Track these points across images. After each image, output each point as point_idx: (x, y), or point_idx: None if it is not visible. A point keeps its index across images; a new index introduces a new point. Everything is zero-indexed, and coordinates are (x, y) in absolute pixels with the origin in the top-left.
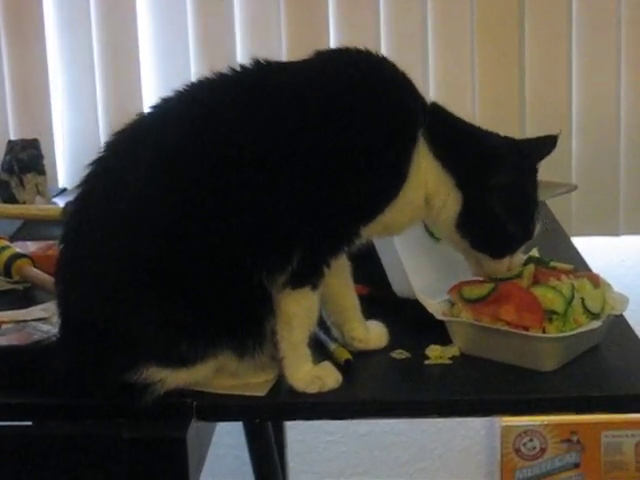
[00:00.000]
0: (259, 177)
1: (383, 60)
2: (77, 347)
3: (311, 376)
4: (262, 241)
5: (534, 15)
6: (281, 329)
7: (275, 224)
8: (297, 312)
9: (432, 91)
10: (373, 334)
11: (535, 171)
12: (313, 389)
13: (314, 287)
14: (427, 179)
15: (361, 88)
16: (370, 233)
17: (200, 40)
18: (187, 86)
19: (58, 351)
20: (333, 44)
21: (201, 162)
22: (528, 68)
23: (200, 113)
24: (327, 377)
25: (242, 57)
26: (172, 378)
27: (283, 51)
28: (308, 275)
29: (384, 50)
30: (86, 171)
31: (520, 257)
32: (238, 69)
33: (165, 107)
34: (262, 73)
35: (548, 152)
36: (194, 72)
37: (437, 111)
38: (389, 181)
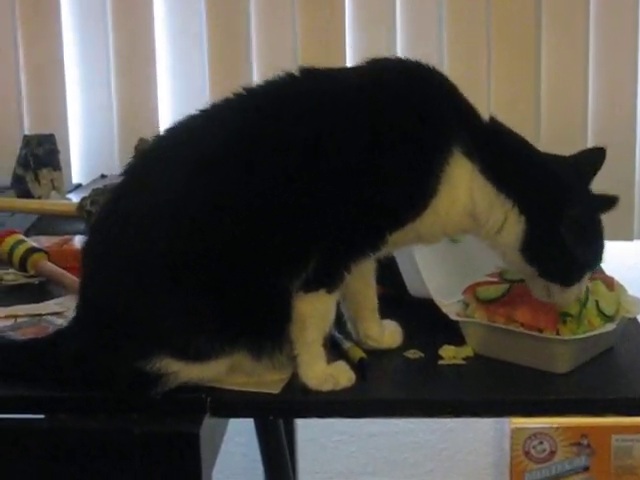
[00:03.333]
0: (293, 181)
1: (429, 73)
2: (93, 329)
3: (324, 374)
4: (286, 245)
5: (551, 16)
6: (295, 328)
7: (300, 228)
8: (311, 313)
9: None
10: (388, 333)
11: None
12: (326, 387)
13: (330, 290)
14: (474, 197)
15: (396, 100)
16: (402, 241)
17: (216, 34)
18: (240, 92)
19: (72, 335)
20: (349, 53)
21: (241, 165)
22: (544, 70)
23: (245, 118)
24: (340, 376)
25: (258, 56)
26: (185, 372)
27: (298, 55)
28: (323, 279)
29: (399, 50)
30: (131, 161)
31: (586, 281)
32: (286, 76)
33: (214, 111)
34: (307, 80)
35: (599, 168)
36: (209, 68)
37: (493, 129)
38: (414, 192)
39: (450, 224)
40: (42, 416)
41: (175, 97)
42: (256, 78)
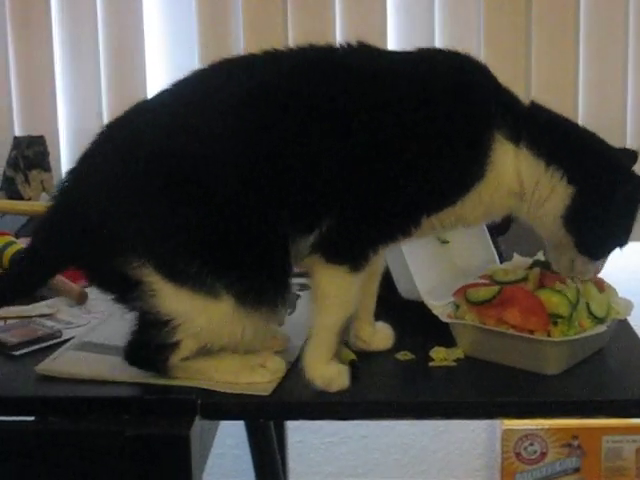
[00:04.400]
0: (331, 138)
1: (472, 63)
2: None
3: (321, 372)
4: (298, 194)
5: (541, 22)
6: (314, 307)
7: (320, 182)
8: (331, 292)
9: None
10: (379, 335)
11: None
12: (318, 384)
13: (353, 268)
14: (520, 176)
15: (442, 86)
16: (441, 223)
17: (206, 40)
18: (295, 48)
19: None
20: (339, 30)
21: (283, 109)
22: (534, 72)
23: (293, 70)
24: (334, 379)
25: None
26: (167, 296)
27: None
28: (347, 253)
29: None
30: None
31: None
32: (347, 46)
33: (256, 60)
34: (364, 54)
35: (632, 165)
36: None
37: (537, 110)
38: (456, 176)
39: (493, 206)
40: (31, 418)
41: None
42: None
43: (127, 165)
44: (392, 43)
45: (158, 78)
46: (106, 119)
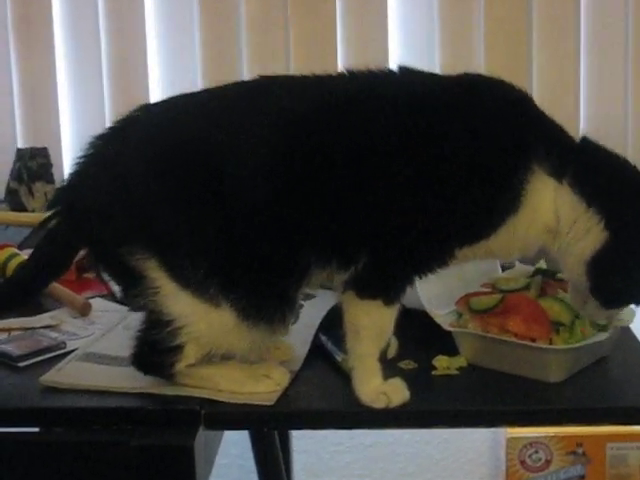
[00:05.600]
0: (363, 173)
1: (513, 92)
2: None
3: (377, 392)
4: (336, 229)
5: (542, 20)
6: (349, 339)
7: (356, 219)
8: (366, 325)
9: None
10: None
11: None
12: (378, 405)
13: (388, 302)
14: (558, 213)
15: (479, 116)
16: (471, 256)
17: (208, 52)
18: (340, 73)
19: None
20: (340, 50)
21: (321, 137)
22: (536, 79)
23: (337, 97)
24: (394, 394)
25: (248, 62)
26: (168, 296)
27: (291, 61)
28: (380, 287)
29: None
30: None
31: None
32: (386, 71)
33: (300, 82)
34: (401, 81)
35: None
36: (201, 83)
37: (587, 146)
38: (489, 210)
39: (527, 242)
40: (36, 429)
41: None
42: None
43: (149, 155)
44: (393, 46)
45: (161, 90)
46: None
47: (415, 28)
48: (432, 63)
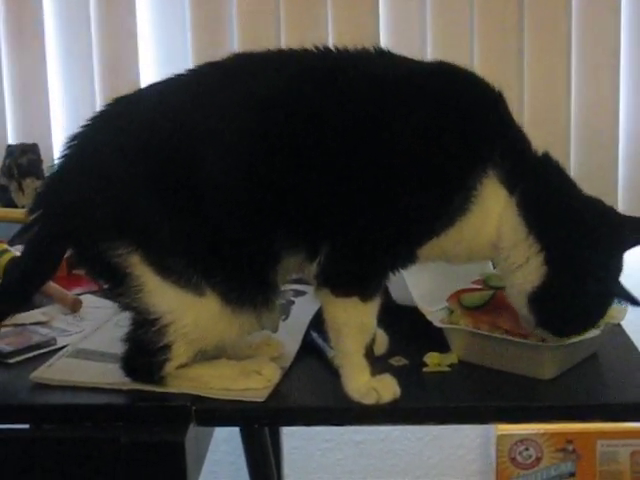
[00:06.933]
0: (323, 155)
1: (487, 94)
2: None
3: (367, 387)
4: (298, 215)
5: (534, 20)
6: (332, 337)
7: (317, 205)
8: (346, 322)
9: None
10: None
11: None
12: (368, 401)
13: (364, 299)
14: (501, 229)
15: (443, 110)
16: (428, 256)
17: (200, 47)
18: (309, 49)
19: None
20: (331, 33)
21: (286, 119)
22: (527, 78)
23: (301, 77)
24: (384, 390)
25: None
26: (152, 288)
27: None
28: (353, 285)
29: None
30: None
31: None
32: (362, 51)
33: (269, 60)
34: (372, 63)
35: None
36: None
37: (545, 166)
38: (441, 203)
39: (474, 250)
40: (26, 426)
41: None
42: None
43: (125, 149)
44: (384, 43)
45: None
46: None
47: (407, 23)
48: (423, 55)
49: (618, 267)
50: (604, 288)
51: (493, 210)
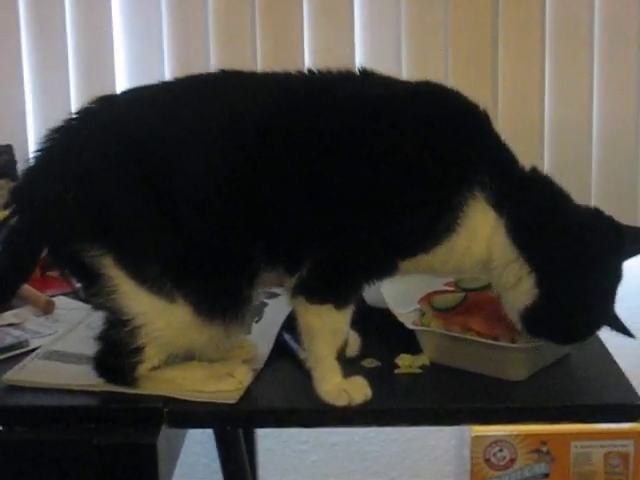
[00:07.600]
0: (305, 174)
1: (472, 114)
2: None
3: (338, 389)
4: (280, 231)
5: (508, 27)
6: (305, 340)
7: (297, 223)
8: (320, 328)
9: None
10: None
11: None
12: (340, 403)
13: (338, 307)
14: (491, 250)
15: (430, 131)
16: (413, 269)
17: (175, 51)
18: (299, 72)
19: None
20: (308, 46)
21: (266, 137)
22: (501, 81)
23: (286, 96)
24: (355, 391)
25: (216, 57)
26: (125, 292)
27: (258, 59)
28: (328, 293)
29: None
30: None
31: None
32: (345, 73)
33: (252, 80)
34: (357, 84)
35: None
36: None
37: (533, 182)
38: (425, 225)
39: (462, 268)
40: None
41: None
42: None
43: (102, 152)
44: (359, 57)
45: (129, 86)
46: None
47: (381, 33)
48: (398, 60)
49: (617, 277)
50: (602, 299)
51: (482, 231)
